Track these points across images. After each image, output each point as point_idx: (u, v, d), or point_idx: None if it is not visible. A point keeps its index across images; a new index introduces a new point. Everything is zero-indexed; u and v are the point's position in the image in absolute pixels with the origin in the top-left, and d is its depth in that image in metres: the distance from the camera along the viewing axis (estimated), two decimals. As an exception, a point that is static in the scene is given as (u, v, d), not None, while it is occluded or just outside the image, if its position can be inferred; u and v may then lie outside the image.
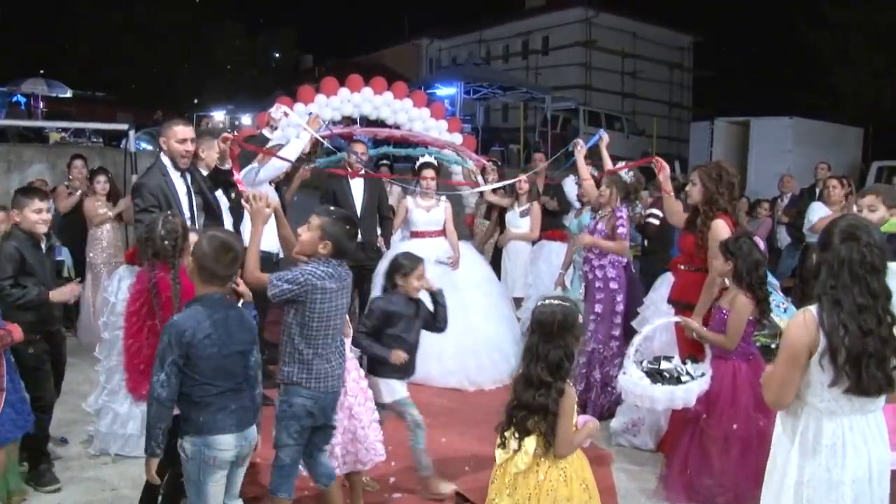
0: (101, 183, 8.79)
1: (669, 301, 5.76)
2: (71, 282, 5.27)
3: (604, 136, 7.00)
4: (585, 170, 7.13)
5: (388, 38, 43.90)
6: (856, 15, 26.60)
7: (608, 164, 6.92)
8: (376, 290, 7.78)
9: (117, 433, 5.52)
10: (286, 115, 7.49)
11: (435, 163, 8.13)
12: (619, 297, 6.50)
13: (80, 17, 37.87)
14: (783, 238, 11.35)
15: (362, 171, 8.02)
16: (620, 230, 6.54)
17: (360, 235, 7.69)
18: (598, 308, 6.57)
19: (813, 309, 3.05)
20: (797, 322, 3.07)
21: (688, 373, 4.73)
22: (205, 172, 6.00)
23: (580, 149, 7.13)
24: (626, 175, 6.64)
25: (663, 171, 6.03)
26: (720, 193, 5.39)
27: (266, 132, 6.91)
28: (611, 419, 6.15)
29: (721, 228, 5.24)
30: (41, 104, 23.66)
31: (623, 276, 6.58)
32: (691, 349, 5.07)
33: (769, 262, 7.00)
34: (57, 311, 5.27)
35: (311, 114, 7.94)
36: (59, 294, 5.01)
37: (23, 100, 23.94)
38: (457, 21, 40.93)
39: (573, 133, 23.92)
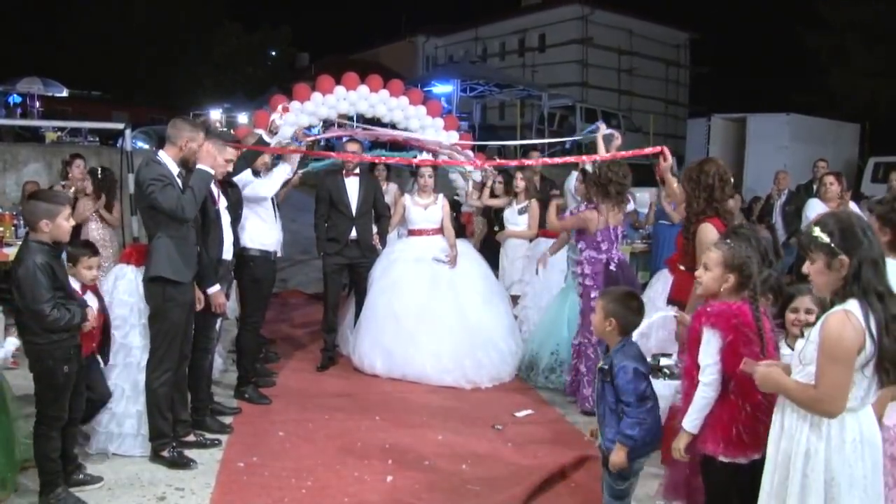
0: (86, 183, 8.78)
1: (669, 301, 5.74)
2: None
3: (615, 134, 6.88)
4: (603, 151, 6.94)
5: (385, 36, 43.99)
6: (852, 14, 26.60)
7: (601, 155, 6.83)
8: (372, 287, 7.85)
9: (114, 432, 5.49)
10: (286, 110, 7.47)
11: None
12: (594, 294, 6.46)
13: (76, 16, 37.80)
14: (782, 235, 11.33)
15: (356, 170, 7.99)
16: (564, 214, 6.74)
17: (355, 233, 7.81)
18: (580, 302, 6.68)
19: (854, 310, 2.98)
20: (846, 325, 2.96)
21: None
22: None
23: (601, 133, 7.00)
24: (591, 167, 6.63)
25: (664, 163, 6.01)
26: (696, 197, 5.28)
27: (265, 136, 6.91)
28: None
29: (708, 232, 5.10)
30: (37, 103, 23.59)
31: (600, 273, 6.58)
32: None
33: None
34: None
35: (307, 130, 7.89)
36: (89, 324, 4.79)
37: (18, 99, 23.88)
38: (453, 18, 41.05)
39: (569, 130, 23.90)
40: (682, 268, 5.70)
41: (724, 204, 5.38)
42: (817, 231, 3.09)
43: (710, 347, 3.65)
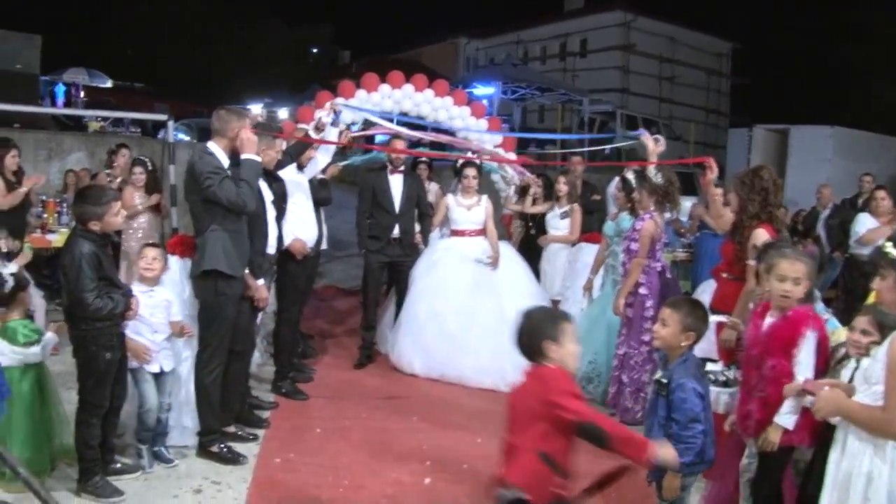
0: (137, 174, 8.78)
1: (710, 310, 5.65)
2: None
3: (661, 140, 6.75)
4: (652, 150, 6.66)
5: (426, 37, 43.91)
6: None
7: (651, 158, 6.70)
8: (413, 286, 7.80)
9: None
10: (336, 111, 7.45)
11: (477, 161, 8.07)
12: (649, 303, 6.38)
13: (120, 9, 38.14)
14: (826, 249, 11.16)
15: (401, 169, 7.96)
16: (633, 245, 6.44)
17: (398, 231, 7.77)
18: (629, 312, 6.51)
19: None
20: None
21: (735, 378, 4.61)
22: None
23: (647, 139, 6.83)
24: (656, 177, 6.51)
25: (710, 175, 5.92)
26: (751, 200, 5.32)
27: (312, 133, 6.91)
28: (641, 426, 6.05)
29: (760, 237, 5.12)
30: (82, 93, 23.83)
31: (655, 282, 6.47)
32: (731, 355, 4.96)
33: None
34: None
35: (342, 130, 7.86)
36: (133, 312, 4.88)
37: (63, 88, 24.13)
38: (495, 21, 40.93)
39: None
40: (725, 276, 5.64)
41: (777, 210, 5.39)
42: (889, 247, 3.01)
43: (811, 348, 3.74)
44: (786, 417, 3.73)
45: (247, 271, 5.59)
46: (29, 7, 31.02)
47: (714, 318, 5.03)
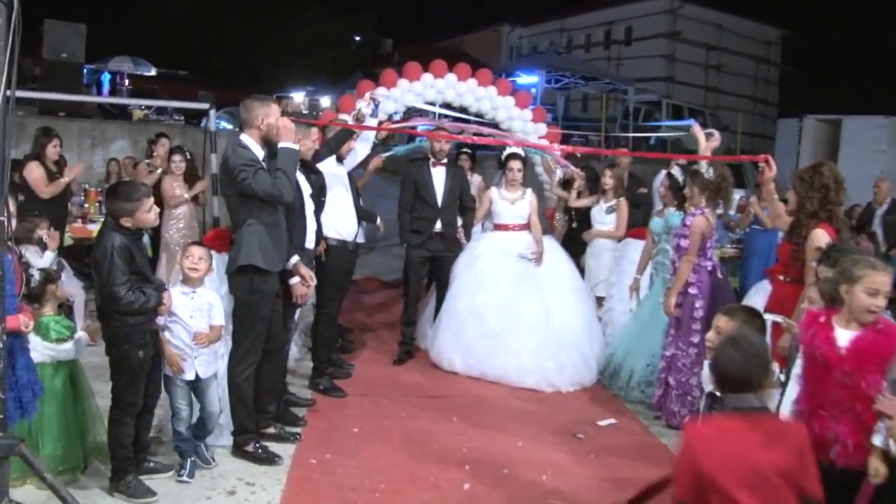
0: (177, 163, 8.72)
1: (765, 312, 5.42)
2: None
3: (715, 134, 6.53)
4: (704, 146, 6.48)
5: (469, 25, 43.65)
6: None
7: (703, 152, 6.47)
8: (455, 282, 7.64)
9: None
10: (375, 101, 7.36)
11: (522, 154, 7.87)
12: (699, 304, 6.14)
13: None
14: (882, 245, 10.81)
15: (444, 161, 7.79)
16: (683, 242, 6.20)
17: (440, 225, 7.61)
18: (678, 313, 6.27)
19: None
20: None
21: (778, 380, 4.36)
22: None
23: (699, 132, 6.58)
24: (707, 172, 6.28)
25: (769, 173, 5.68)
26: (809, 198, 5.09)
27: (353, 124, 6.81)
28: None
29: (820, 238, 4.90)
30: (126, 81, 23.99)
31: (706, 281, 6.22)
32: (786, 360, 4.74)
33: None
34: None
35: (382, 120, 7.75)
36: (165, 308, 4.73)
37: (108, 76, 24.30)
38: (538, 8, 40.58)
39: (654, 126, 23.44)
40: (781, 278, 5.42)
41: (837, 208, 5.16)
42: None
43: None
44: (884, 438, 3.37)
45: (297, 259, 5.50)
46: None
47: (769, 318, 4.80)
